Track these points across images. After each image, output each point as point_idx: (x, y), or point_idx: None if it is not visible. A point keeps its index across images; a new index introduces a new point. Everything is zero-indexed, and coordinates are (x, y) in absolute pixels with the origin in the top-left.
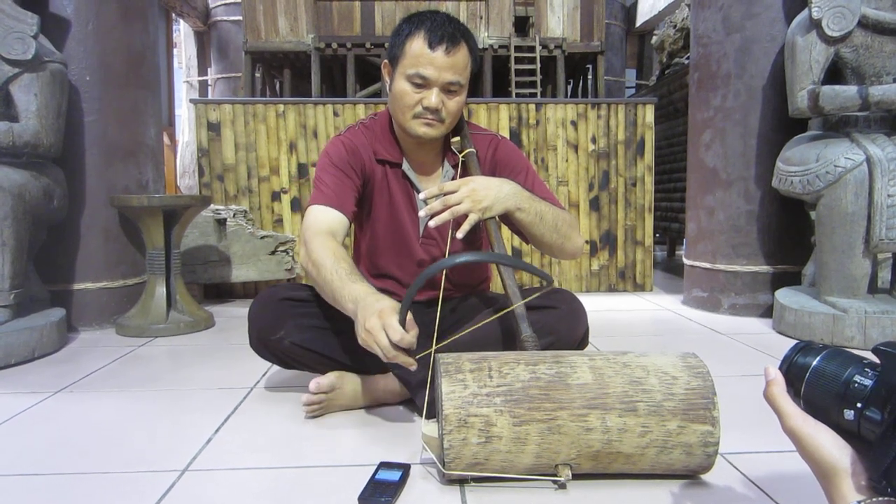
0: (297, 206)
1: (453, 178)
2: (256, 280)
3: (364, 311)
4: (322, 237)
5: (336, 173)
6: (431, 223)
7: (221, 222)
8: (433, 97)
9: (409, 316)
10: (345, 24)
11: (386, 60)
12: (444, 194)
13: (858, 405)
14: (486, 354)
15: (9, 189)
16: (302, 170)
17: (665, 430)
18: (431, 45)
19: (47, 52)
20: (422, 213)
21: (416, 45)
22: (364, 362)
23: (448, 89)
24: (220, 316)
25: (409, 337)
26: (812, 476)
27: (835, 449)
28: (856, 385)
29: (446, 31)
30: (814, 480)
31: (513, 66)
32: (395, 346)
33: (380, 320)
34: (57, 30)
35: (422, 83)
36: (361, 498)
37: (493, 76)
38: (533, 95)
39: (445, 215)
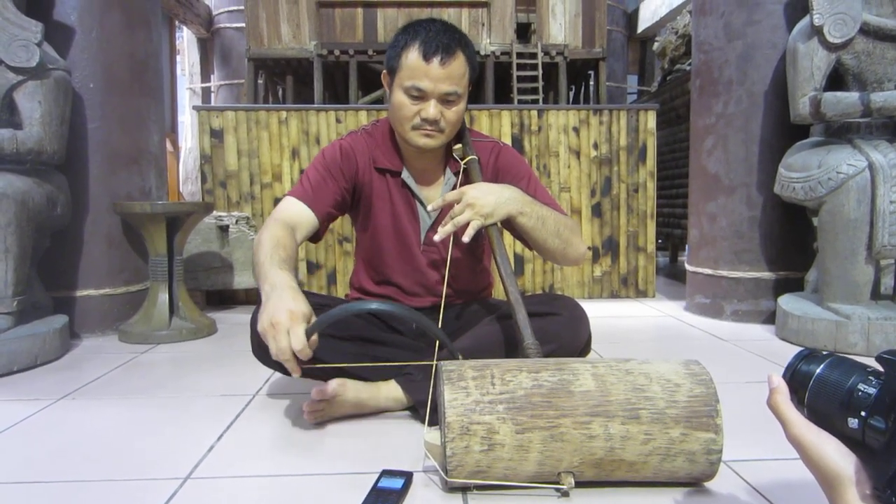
0: None
1: (454, 186)
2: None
3: (276, 302)
4: (279, 225)
5: (323, 173)
6: (436, 237)
7: (224, 229)
8: (431, 108)
9: (315, 335)
10: (347, 30)
11: (385, 71)
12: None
13: (862, 413)
14: (488, 362)
15: (12, 196)
16: None
17: (668, 438)
18: (426, 57)
19: (51, 59)
20: (430, 207)
21: (411, 57)
22: (366, 369)
23: (446, 99)
24: (223, 322)
25: (308, 351)
26: (816, 484)
27: (839, 457)
28: (860, 393)
29: (441, 41)
30: (818, 489)
31: (515, 73)
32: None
33: (288, 321)
34: (61, 37)
35: (418, 95)
36: None
37: (494, 83)
38: (535, 102)
39: (448, 227)
